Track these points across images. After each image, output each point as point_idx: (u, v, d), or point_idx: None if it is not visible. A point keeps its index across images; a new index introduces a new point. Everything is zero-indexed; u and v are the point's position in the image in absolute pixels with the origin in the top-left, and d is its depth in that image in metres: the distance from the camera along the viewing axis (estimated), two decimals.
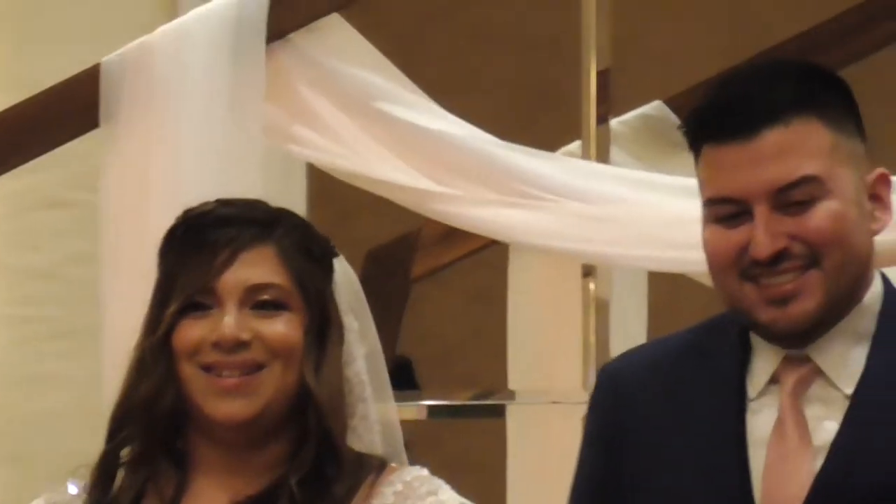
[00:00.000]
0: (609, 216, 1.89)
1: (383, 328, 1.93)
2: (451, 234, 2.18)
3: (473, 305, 3.07)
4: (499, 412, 2.06)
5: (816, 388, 1.42)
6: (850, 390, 1.41)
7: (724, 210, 1.36)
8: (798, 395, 1.41)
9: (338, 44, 1.83)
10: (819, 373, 1.41)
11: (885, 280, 1.48)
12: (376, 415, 1.55)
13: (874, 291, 1.44)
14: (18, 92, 1.94)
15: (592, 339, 1.91)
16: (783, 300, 1.35)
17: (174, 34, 1.96)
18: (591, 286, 1.92)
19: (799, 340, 1.39)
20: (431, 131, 1.87)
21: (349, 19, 1.87)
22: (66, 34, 2.13)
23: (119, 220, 1.83)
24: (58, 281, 2.67)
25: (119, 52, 1.89)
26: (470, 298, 3.01)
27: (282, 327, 1.44)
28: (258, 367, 1.43)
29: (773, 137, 1.38)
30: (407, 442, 1.65)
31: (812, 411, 1.42)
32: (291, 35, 1.87)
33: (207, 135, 1.90)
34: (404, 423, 1.70)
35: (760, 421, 1.41)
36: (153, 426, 1.49)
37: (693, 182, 1.44)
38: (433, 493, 1.49)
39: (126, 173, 1.80)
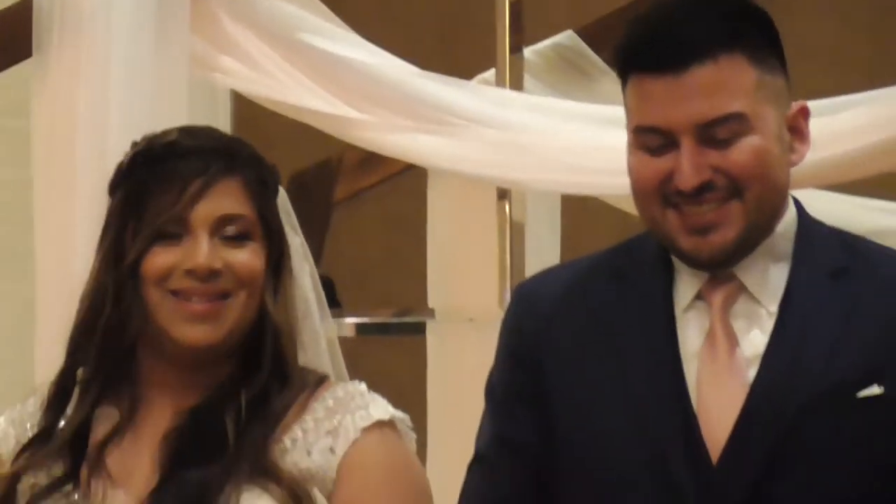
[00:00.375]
0: (522, 143, 1.97)
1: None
2: (369, 160, 2.26)
3: (392, 229, 3.18)
4: (420, 330, 2.15)
5: (741, 304, 1.50)
6: (773, 307, 1.49)
7: (651, 139, 1.42)
8: (726, 310, 1.49)
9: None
10: (743, 290, 1.49)
11: (798, 204, 1.56)
12: (322, 331, 1.60)
13: (790, 215, 1.52)
14: None
15: (508, 260, 2.00)
16: (704, 229, 1.42)
17: None
18: (507, 209, 2.01)
19: (719, 266, 1.46)
20: (351, 60, 1.93)
21: None
22: None
23: (49, 146, 1.89)
24: None
25: None
26: (388, 222, 3.10)
27: (248, 257, 1.52)
28: (226, 294, 1.52)
29: (701, 73, 1.44)
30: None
31: (738, 325, 1.49)
32: None
33: (135, 64, 1.96)
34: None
35: (689, 335, 1.48)
36: (115, 349, 1.57)
37: (604, 110, 1.50)
38: (363, 407, 1.53)
39: (56, 101, 1.84)
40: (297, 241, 1.59)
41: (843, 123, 1.68)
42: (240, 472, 1.55)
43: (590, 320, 1.55)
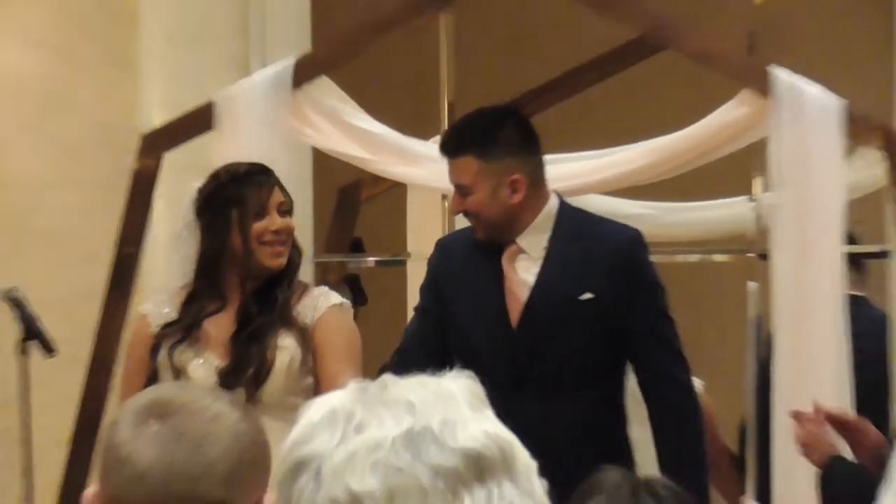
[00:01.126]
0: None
1: (345, 229, 3.89)
2: (379, 179, 4.12)
3: (389, 214, 4.78)
4: (403, 264, 4.03)
5: (521, 258, 3.02)
6: (538, 257, 3.00)
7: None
8: (511, 260, 3.01)
9: (327, 91, 3.68)
10: (521, 250, 3.02)
11: (561, 199, 3.06)
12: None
13: (551, 206, 3.03)
14: (171, 112, 3.77)
15: (445, 230, 3.67)
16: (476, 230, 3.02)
17: (250, 83, 3.73)
18: (445, 205, 3.72)
19: (504, 243, 3.02)
20: (369, 130, 3.65)
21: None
22: (194, 79, 3.91)
23: None
24: None
25: (224, 91, 3.66)
26: (389, 211, 4.75)
27: (293, 223, 2.91)
28: (284, 243, 2.85)
29: (453, 163, 3.02)
30: None
31: (520, 267, 3.01)
32: (304, 86, 3.58)
33: (266, 133, 3.59)
34: None
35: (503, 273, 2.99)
36: (220, 274, 2.87)
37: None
38: (327, 297, 2.91)
39: (232, 156, 3.63)
40: None
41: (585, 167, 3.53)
42: (278, 322, 2.83)
43: (466, 262, 3.07)
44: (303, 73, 3.67)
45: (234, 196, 2.94)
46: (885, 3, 4.28)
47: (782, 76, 3.50)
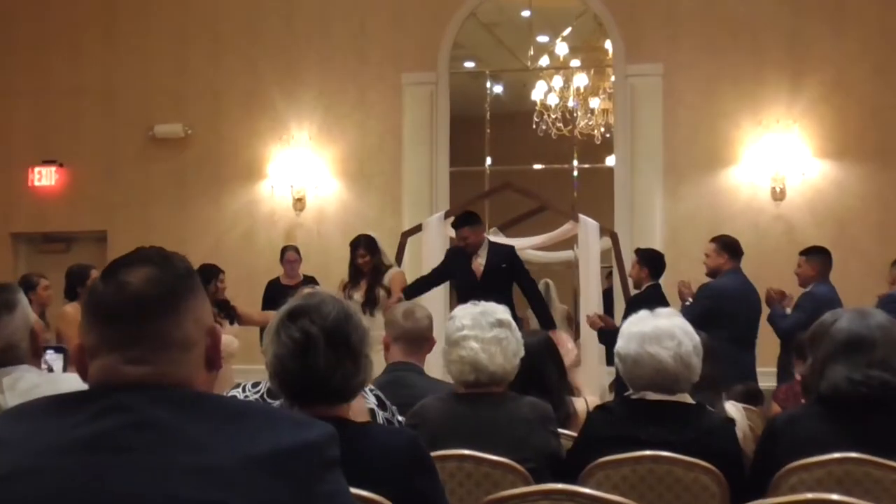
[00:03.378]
0: None
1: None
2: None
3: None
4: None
5: (479, 258, 9.28)
6: (484, 258, 9.19)
7: None
8: (476, 259, 9.26)
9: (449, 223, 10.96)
10: (478, 256, 9.21)
11: (488, 239, 9.22)
12: None
13: (486, 242, 9.29)
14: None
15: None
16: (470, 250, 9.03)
17: (432, 218, 10.53)
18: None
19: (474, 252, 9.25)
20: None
21: None
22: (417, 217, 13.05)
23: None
24: None
25: (427, 220, 10.54)
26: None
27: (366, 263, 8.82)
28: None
29: (462, 230, 9.31)
30: None
31: (479, 261, 9.30)
32: (446, 219, 10.78)
33: (434, 234, 10.31)
34: None
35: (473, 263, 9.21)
36: None
37: None
38: None
39: (426, 243, 12.70)
40: None
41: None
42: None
43: (457, 258, 9.15)
44: (447, 215, 10.22)
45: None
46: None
47: (581, 217, 10.68)
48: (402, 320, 4.64)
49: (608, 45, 12.14)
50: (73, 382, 2.51)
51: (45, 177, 12.53)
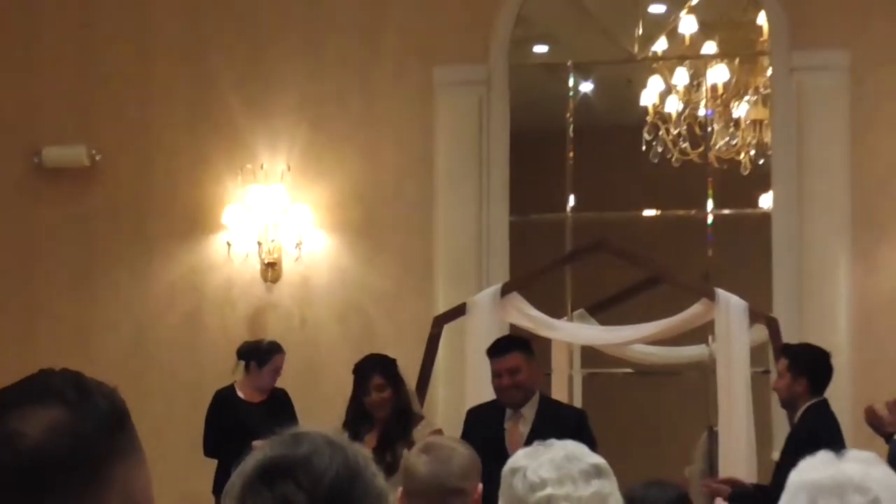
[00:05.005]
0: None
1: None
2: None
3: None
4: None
5: (521, 421, 7.88)
6: (531, 420, 7.90)
7: None
8: (515, 423, 7.89)
9: (516, 299, 9.60)
10: (522, 415, 7.90)
11: (538, 391, 8.14)
12: None
13: (537, 394, 7.98)
14: (449, 307, 10.40)
15: None
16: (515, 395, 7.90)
17: (481, 294, 9.62)
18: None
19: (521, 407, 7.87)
20: (536, 317, 10.13)
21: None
22: (458, 294, 10.63)
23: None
24: None
25: (471, 298, 9.61)
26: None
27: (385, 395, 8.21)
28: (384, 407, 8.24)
29: (509, 357, 8.02)
30: None
31: (521, 426, 7.86)
32: (506, 296, 9.87)
33: (487, 317, 9.47)
34: None
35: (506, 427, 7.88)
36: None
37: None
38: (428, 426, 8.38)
39: (472, 331, 10.13)
40: None
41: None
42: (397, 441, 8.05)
43: (488, 421, 7.99)
44: (505, 291, 9.94)
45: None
46: None
47: (720, 293, 9.55)
48: (415, 463, 4.49)
49: (762, 19, 11.59)
50: None
51: None
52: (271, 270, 11.20)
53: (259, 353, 9.76)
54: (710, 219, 11.50)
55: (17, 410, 1.70)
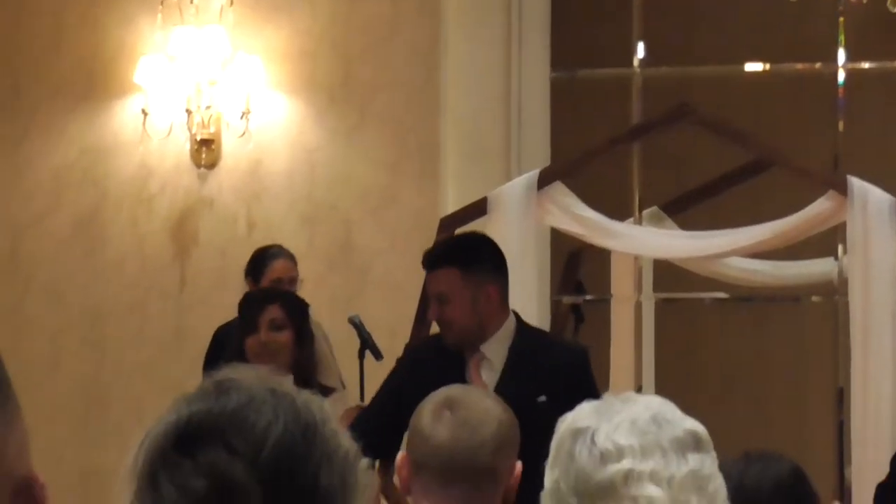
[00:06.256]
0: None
1: (571, 277, 8.83)
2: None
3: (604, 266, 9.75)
4: (606, 302, 8.76)
5: (484, 365, 6.10)
6: (500, 366, 6.06)
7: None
8: (477, 366, 6.07)
9: (559, 191, 8.12)
10: (485, 357, 6.10)
11: (517, 316, 6.29)
12: None
13: (510, 321, 6.19)
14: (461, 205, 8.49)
15: None
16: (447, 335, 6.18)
17: (510, 185, 8.06)
18: (636, 262, 8.52)
19: (469, 349, 6.08)
20: (588, 217, 8.28)
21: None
22: (477, 184, 8.67)
23: None
24: None
25: (494, 191, 8.10)
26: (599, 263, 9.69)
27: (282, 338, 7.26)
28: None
29: (436, 273, 6.24)
30: None
31: (484, 373, 6.06)
32: (546, 188, 7.98)
33: (517, 218, 7.99)
34: None
35: (470, 376, 5.99)
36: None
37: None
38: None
39: (496, 234, 8.21)
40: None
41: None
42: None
43: (433, 368, 5.89)
44: (544, 180, 8.22)
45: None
46: None
47: (855, 182, 7.98)
48: (432, 425, 4.01)
49: None
50: None
51: None
52: (206, 151, 10.22)
53: (253, 265, 9.09)
54: (841, 76, 10.16)
55: None
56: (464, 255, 6.48)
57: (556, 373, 6.04)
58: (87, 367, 9.46)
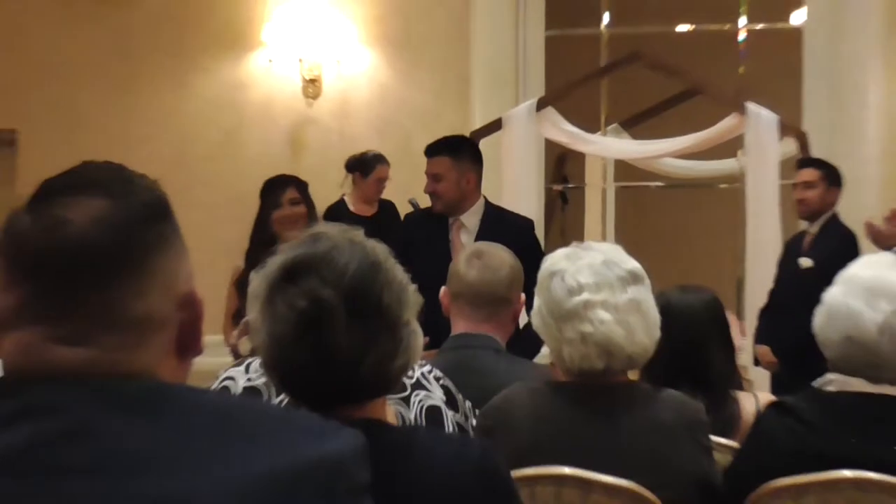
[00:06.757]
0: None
1: (559, 171, 10.84)
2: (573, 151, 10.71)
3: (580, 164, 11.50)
4: (581, 189, 10.64)
5: (463, 230, 6.93)
6: (474, 231, 6.88)
7: None
8: (458, 231, 6.93)
9: (551, 113, 9.72)
10: (463, 225, 6.94)
11: (486, 198, 7.08)
12: None
13: (481, 201, 7.02)
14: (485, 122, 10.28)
15: None
16: (436, 204, 7.06)
17: (517, 109, 9.19)
18: (604, 164, 10.35)
19: (452, 216, 6.94)
20: (570, 131, 10.07)
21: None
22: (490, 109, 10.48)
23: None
24: None
25: (507, 112, 9.25)
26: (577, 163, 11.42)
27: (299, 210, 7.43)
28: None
29: (434, 160, 7.00)
30: None
31: (463, 236, 6.90)
32: (542, 111, 9.46)
33: (524, 130, 9.08)
34: None
35: (450, 237, 7.06)
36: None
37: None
38: None
39: (510, 143, 10.08)
40: None
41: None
42: None
43: (425, 230, 6.98)
44: (540, 105, 9.76)
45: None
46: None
47: (751, 106, 9.44)
48: (466, 268, 4.51)
49: None
50: None
51: None
52: (312, 86, 11.05)
53: (363, 164, 9.76)
54: (741, 35, 11.47)
55: (63, 199, 1.71)
56: (453, 148, 7.22)
57: (513, 234, 6.36)
58: (234, 237, 8.55)
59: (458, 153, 7.16)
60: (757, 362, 8.50)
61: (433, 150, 7.20)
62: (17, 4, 11.36)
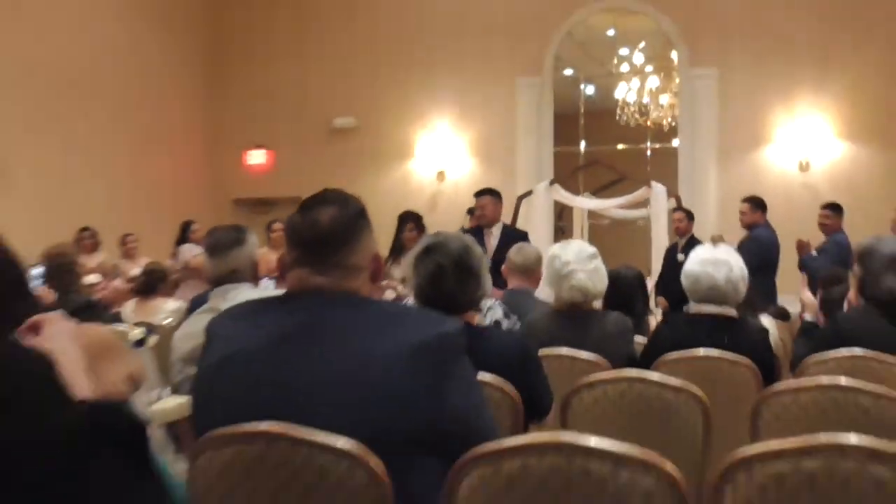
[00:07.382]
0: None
1: None
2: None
3: None
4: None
5: (491, 237, 8.13)
6: (497, 239, 8.09)
7: None
8: (488, 238, 8.11)
9: (557, 188, 14.45)
10: (492, 234, 8.15)
11: (504, 223, 8.45)
12: None
13: (501, 223, 8.33)
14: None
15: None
16: (482, 221, 8.45)
17: (540, 186, 12.60)
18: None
19: (487, 229, 8.35)
20: (574, 199, 14.54)
21: None
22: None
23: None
24: None
25: (538, 185, 12.60)
26: None
27: None
28: None
29: (482, 197, 8.30)
30: None
31: (491, 241, 8.08)
32: (552, 185, 13.58)
33: (544, 197, 13.36)
34: None
35: (484, 241, 8.18)
36: None
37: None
38: None
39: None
40: None
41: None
42: None
43: (472, 235, 5.66)
44: (551, 183, 14.40)
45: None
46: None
47: (654, 183, 12.07)
48: (514, 256, 5.10)
49: (674, 54, 13.54)
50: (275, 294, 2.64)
51: (256, 157, 14.38)
52: (440, 176, 12.78)
53: (471, 211, 9.51)
54: (648, 152, 13.73)
55: (315, 209, 2.10)
56: (494, 193, 8.25)
57: (517, 240, 6.63)
58: None
59: (495, 195, 8.39)
60: (657, 304, 9.84)
61: (482, 193, 8.41)
62: (304, 135, 13.46)
